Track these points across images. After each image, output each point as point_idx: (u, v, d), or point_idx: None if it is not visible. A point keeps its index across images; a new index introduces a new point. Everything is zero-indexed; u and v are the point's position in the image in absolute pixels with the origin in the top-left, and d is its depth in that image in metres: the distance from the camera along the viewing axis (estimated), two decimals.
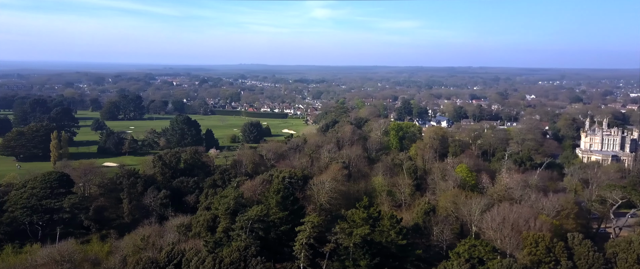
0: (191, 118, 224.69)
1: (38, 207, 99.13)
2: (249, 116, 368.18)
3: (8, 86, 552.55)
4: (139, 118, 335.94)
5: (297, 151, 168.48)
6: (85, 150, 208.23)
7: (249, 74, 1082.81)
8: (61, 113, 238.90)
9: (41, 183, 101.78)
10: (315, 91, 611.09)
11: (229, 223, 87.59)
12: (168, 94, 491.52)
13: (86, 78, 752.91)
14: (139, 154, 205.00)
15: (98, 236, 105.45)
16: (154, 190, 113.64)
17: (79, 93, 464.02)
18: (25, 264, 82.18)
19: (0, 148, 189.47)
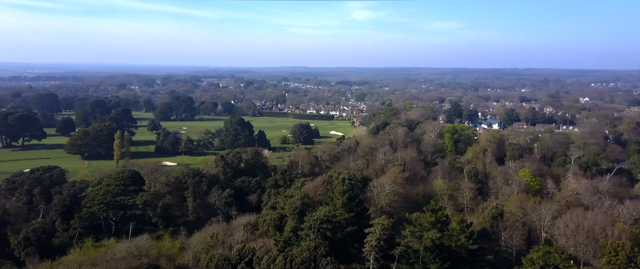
0: (244, 120, 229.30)
1: (113, 203, 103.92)
2: (295, 118, 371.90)
3: (66, 88, 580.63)
4: (190, 119, 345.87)
5: (349, 152, 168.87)
6: (144, 150, 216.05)
7: (291, 76, 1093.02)
8: (121, 113, 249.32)
9: (115, 180, 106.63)
10: (359, 93, 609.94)
11: (297, 222, 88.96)
12: (215, 96, 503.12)
13: (137, 80, 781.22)
14: (195, 154, 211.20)
15: (166, 232, 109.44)
16: (218, 189, 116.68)
17: (133, 95, 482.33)
18: (106, 258, 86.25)
19: (68, 147, 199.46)
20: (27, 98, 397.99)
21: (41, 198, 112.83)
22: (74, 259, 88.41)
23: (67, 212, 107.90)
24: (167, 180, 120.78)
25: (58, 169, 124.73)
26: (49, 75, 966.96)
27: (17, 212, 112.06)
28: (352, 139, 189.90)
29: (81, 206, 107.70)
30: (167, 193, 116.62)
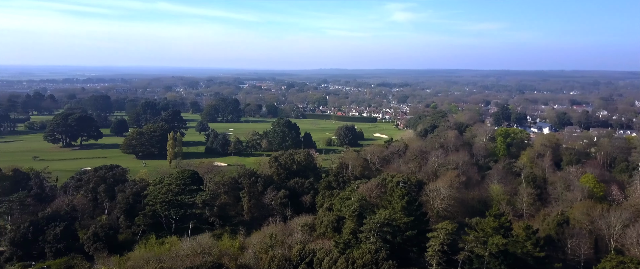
0: (291, 122, 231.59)
1: (174, 202, 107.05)
2: (338, 120, 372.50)
3: (116, 90, 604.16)
4: (236, 120, 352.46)
5: (399, 155, 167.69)
6: (194, 150, 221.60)
7: (331, 78, 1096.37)
8: (172, 115, 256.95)
9: (176, 180, 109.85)
10: (400, 95, 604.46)
11: (356, 225, 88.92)
12: (258, 98, 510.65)
13: (181, 82, 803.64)
14: (243, 155, 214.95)
15: (223, 231, 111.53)
16: (272, 190, 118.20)
17: (179, 97, 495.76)
18: (170, 255, 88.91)
19: (123, 147, 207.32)
20: (82, 99, 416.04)
21: (105, 196, 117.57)
22: (139, 255, 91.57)
23: (130, 210, 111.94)
24: (224, 180, 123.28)
25: (120, 168, 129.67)
26: (99, 77, 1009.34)
27: (84, 208, 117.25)
28: (400, 142, 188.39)
29: (143, 204, 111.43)
30: (223, 193, 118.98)
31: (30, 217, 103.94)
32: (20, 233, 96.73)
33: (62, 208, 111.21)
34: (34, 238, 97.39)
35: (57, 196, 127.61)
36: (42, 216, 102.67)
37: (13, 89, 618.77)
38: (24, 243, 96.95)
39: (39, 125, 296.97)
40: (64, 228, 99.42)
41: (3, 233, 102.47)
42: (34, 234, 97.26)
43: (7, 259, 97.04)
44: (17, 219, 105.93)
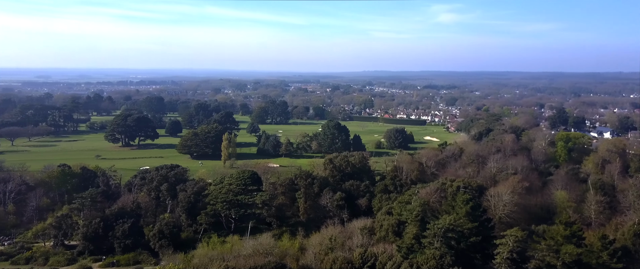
0: (341, 124, 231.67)
1: (234, 201, 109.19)
2: (385, 122, 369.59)
3: (168, 91, 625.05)
4: (284, 122, 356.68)
5: (454, 159, 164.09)
6: (247, 151, 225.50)
7: (375, 80, 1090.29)
8: (224, 116, 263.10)
9: (236, 180, 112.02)
10: (448, 97, 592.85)
11: (419, 230, 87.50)
12: (305, 100, 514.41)
13: (229, 85, 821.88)
14: (294, 156, 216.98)
15: (280, 232, 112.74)
16: (329, 192, 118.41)
17: (229, 99, 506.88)
18: (233, 254, 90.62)
19: (179, 147, 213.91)
20: (137, 101, 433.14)
21: (168, 194, 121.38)
22: (203, 253, 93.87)
23: (191, 208, 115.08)
24: (280, 181, 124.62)
25: (180, 168, 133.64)
26: (151, 80, 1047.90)
27: (147, 206, 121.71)
28: (454, 145, 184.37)
29: (204, 203, 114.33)
30: (282, 194, 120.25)
31: (99, 213, 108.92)
32: (92, 228, 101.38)
33: (128, 206, 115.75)
34: (104, 234, 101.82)
35: (121, 193, 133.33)
36: (110, 212, 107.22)
37: (73, 91, 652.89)
38: (95, 238, 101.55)
39: (99, 125, 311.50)
40: (131, 224, 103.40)
41: (76, 228, 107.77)
42: (104, 229, 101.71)
43: (79, 253, 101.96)
44: (87, 215, 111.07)
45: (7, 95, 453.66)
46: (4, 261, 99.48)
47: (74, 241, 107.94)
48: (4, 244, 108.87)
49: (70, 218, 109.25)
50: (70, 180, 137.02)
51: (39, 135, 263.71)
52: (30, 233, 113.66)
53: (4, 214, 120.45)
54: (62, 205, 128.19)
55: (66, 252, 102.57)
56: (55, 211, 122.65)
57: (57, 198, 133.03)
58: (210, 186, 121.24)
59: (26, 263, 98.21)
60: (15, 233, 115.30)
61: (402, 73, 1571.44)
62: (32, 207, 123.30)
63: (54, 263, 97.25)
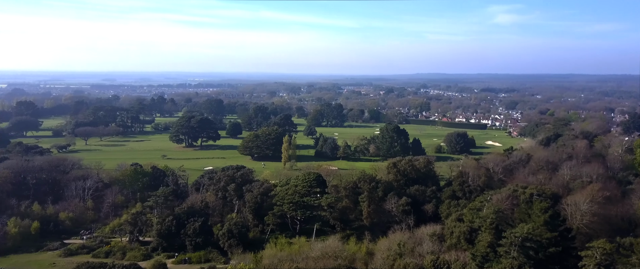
0: (400, 127, 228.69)
1: (301, 203, 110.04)
2: (443, 126, 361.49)
3: (225, 94, 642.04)
4: (339, 125, 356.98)
5: (521, 165, 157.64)
6: (304, 153, 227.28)
7: (430, 83, 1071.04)
8: (283, 119, 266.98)
9: (302, 181, 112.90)
10: (508, 101, 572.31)
11: (494, 238, 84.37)
12: (359, 103, 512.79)
13: (283, 88, 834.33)
14: (352, 159, 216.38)
15: (345, 235, 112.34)
16: (394, 196, 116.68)
17: (285, 102, 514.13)
18: (301, 255, 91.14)
19: (240, 148, 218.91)
20: (197, 103, 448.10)
21: (234, 194, 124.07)
22: (272, 254, 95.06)
23: (258, 209, 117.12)
24: (343, 184, 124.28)
25: (246, 168, 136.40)
26: (208, 83, 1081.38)
27: (214, 205, 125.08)
28: (521, 150, 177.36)
29: (270, 204, 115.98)
30: (346, 197, 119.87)
31: (170, 211, 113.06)
32: (165, 226, 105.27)
33: (197, 205, 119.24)
34: (177, 231, 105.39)
35: (189, 192, 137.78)
36: (180, 211, 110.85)
37: (137, 93, 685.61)
38: (168, 235, 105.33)
39: (163, 126, 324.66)
40: (202, 223, 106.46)
41: (149, 225, 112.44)
42: (176, 227, 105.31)
43: (153, 249, 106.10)
44: (160, 213, 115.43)
45: (80, 97, 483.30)
46: (85, 253, 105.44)
47: (148, 238, 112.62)
48: (84, 238, 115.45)
49: (144, 215, 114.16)
50: (141, 178, 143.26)
51: (109, 135, 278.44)
52: (108, 228, 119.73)
53: (83, 209, 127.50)
54: (135, 202, 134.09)
55: (141, 248, 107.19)
56: (129, 208, 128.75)
57: (130, 196, 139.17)
58: (275, 187, 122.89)
59: (106, 256, 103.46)
60: (94, 227, 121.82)
61: (457, 76, 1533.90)
62: (109, 203, 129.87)
63: (131, 258, 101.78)
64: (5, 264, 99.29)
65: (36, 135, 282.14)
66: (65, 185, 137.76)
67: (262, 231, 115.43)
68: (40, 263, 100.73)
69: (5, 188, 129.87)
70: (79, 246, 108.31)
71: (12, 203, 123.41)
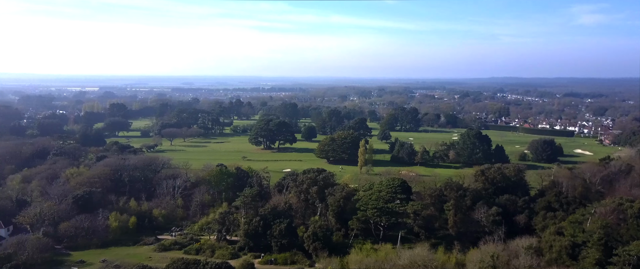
0: (482, 133, 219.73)
1: (385, 209, 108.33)
2: (525, 132, 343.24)
3: (297, 98, 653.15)
4: (414, 129, 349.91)
5: (621, 176, 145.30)
6: (380, 158, 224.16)
7: (507, 87, 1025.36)
8: (358, 123, 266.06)
9: (387, 187, 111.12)
10: (596, 107, 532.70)
11: (602, 255, 77.94)
12: (433, 107, 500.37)
13: (354, 92, 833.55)
14: (430, 165, 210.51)
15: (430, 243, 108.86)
16: (483, 206, 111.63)
17: (357, 106, 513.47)
18: (389, 263, 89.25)
19: (317, 152, 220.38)
20: (272, 107, 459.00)
21: (317, 197, 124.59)
22: (358, 259, 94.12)
23: (340, 212, 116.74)
24: (428, 191, 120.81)
25: (327, 172, 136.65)
26: (280, 87, 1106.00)
27: (297, 207, 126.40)
28: (619, 160, 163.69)
29: (353, 209, 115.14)
30: (431, 204, 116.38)
31: (254, 212, 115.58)
32: (252, 226, 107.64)
33: (280, 206, 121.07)
34: (263, 232, 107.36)
35: (271, 194, 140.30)
36: (264, 212, 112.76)
37: (214, 97, 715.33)
38: (255, 236, 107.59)
39: (241, 129, 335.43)
40: (287, 225, 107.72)
41: (236, 225, 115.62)
42: (263, 228, 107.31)
43: (240, 248, 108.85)
44: (246, 213, 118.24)
45: (164, 100, 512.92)
46: (178, 250, 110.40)
47: (235, 237, 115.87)
48: (173, 235, 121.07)
49: (231, 215, 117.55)
50: (226, 178, 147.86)
51: (191, 136, 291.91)
52: (197, 226, 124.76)
53: (174, 207, 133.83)
54: (221, 201, 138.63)
55: (229, 246, 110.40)
56: (216, 207, 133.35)
57: (216, 195, 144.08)
58: (358, 191, 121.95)
59: (196, 253, 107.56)
60: (184, 225, 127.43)
61: (535, 80, 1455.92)
62: (197, 202, 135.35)
63: (219, 256, 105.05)
64: (108, 255, 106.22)
65: (126, 135, 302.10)
66: (157, 183, 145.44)
67: (344, 235, 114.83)
68: (138, 256, 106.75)
69: (105, 184, 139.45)
70: (172, 242, 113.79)
71: (111, 199, 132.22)
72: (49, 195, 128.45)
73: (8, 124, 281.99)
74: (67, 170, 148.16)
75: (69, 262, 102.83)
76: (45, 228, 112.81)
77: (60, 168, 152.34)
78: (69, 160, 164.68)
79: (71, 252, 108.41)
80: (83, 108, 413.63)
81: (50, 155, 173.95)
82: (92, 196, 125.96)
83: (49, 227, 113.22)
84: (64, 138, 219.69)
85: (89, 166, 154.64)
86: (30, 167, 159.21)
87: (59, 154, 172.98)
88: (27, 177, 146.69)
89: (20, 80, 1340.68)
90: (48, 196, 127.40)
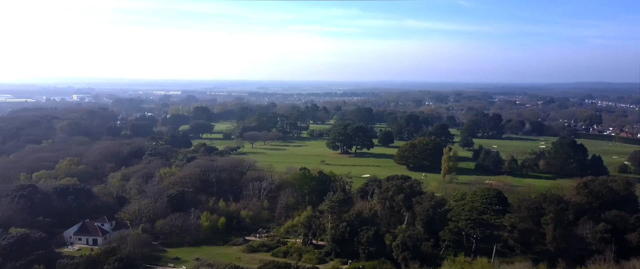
0: (576, 142, 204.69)
1: (479, 221, 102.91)
2: (622, 142, 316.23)
3: (371, 103, 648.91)
4: (497, 136, 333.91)
5: None
6: (463, 166, 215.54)
7: (596, 93, 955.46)
8: (439, 129, 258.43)
9: (481, 197, 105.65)
10: None
11: None
12: (516, 113, 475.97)
13: (429, 97, 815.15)
14: (518, 175, 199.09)
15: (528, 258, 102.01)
16: (588, 221, 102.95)
17: (435, 111, 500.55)
18: None
19: (396, 158, 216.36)
20: (346, 111, 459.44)
21: (403, 205, 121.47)
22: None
23: (429, 222, 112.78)
24: (527, 204, 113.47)
25: (412, 180, 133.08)
26: (352, 91, 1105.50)
27: (382, 215, 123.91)
28: None
29: (443, 219, 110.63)
30: (529, 217, 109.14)
31: (338, 217, 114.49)
32: (339, 231, 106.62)
33: (365, 212, 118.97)
34: (350, 238, 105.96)
35: (353, 199, 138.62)
36: (348, 217, 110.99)
37: (288, 101, 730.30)
38: (342, 241, 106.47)
39: (317, 133, 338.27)
40: (374, 232, 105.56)
41: (322, 229, 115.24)
42: (350, 234, 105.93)
43: (326, 253, 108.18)
44: (333, 217, 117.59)
45: (243, 104, 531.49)
46: (265, 251, 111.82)
47: (320, 241, 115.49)
48: (258, 236, 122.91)
49: (317, 219, 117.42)
50: (309, 182, 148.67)
51: (270, 140, 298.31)
52: (283, 228, 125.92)
53: (260, 208, 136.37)
54: (304, 205, 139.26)
55: (315, 251, 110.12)
56: (300, 210, 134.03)
57: (300, 198, 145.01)
58: (448, 201, 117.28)
59: (284, 256, 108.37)
60: (270, 226, 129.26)
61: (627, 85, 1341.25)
62: (281, 205, 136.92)
63: (307, 260, 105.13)
64: (200, 254, 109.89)
65: (209, 137, 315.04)
66: (243, 184, 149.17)
67: (433, 246, 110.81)
68: (228, 256, 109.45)
69: (195, 184, 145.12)
70: (260, 243, 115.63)
71: (201, 199, 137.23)
72: (146, 193, 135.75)
73: (105, 125, 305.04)
74: (161, 169, 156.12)
75: (165, 258, 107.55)
76: (144, 225, 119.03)
77: (154, 167, 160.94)
78: (161, 160, 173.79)
79: (166, 248, 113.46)
80: (169, 111, 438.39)
81: (145, 155, 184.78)
82: (184, 195, 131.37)
83: (147, 224, 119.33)
84: (156, 139, 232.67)
85: (180, 167, 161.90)
86: (127, 166, 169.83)
87: (152, 154, 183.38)
88: (125, 175, 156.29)
89: (112, 84, 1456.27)
90: (144, 194, 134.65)
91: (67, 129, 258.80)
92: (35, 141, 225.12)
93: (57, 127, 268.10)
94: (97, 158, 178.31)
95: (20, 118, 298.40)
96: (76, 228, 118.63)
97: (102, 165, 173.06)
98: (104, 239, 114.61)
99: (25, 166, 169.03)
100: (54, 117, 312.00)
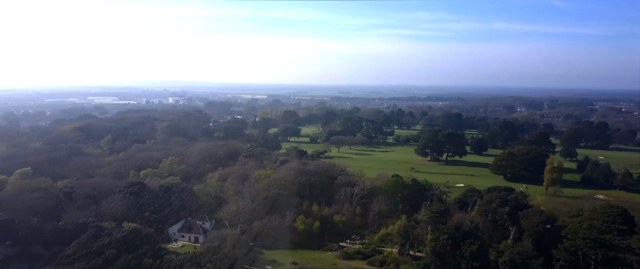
0: None
1: (599, 240, 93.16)
2: None
3: (457, 108, 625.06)
4: (603, 147, 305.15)
5: None
6: (567, 178, 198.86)
7: None
8: (539, 137, 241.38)
9: (601, 215, 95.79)
10: None
11: None
12: (622, 122, 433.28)
13: (520, 103, 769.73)
14: (633, 190, 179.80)
15: None
16: None
17: (530, 118, 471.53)
18: None
19: (493, 167, 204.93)
20: (433, 117, 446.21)
21: (508, 219, 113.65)
22: None
23: (539, 239, 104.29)
24: None
25: (517, 192, 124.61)
26: (437, 96, 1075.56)
27: (483, 228, 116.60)
28: None
29: (554, 236, 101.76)
30: None
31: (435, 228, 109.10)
32: (440, 244, 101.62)
33: (465, 224, 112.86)
34: (451, 251, 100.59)
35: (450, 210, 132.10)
36: (447, 229, 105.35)
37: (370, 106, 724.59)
38: (443, 254, 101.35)
39: (404, 139, 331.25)
40: (479, 246, 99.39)
41: (420, 240, 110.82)
42: (451, 247, 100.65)
43: (425, 265, 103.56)
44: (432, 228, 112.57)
45: (327, 108, 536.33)
46: (361, 259, 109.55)
47: (417, 252, 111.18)
48: (348, 243, 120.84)
49: (415, 229, 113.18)
50: (402, 190, 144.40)
51: (356, 144, 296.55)
52: (377, 236, 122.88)
53: (352, 214, 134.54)
54: (398, 213, 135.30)
55: (412, 262, 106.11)
56: (393, 219, 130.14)
57: (392, 206, 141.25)
58: (560, 217, 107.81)
59: (380, 265, 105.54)
60: (364, 233, 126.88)
61: None
62: (374, 212, 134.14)
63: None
64: (295, 257, 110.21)
65: (297, 141, 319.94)
66: (334, 189, 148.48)
67: (543, 265, 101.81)
68: (323, 261, 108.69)
69: (289, 187, 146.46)
70: (355, 250, 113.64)
71: (295, 202, 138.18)
72: (242, 193, 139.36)
73: (200, 126, 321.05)
74: (256, 171, 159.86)
75: (262, 260, 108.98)
76: (242, 225, 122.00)
77: (249, 169, 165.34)
78: (256, 162, 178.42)
79: (263, 250, 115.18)
80: (258, 115, 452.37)
81: (240, 156, 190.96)
82: (279, 198, 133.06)
83: (245, 224, 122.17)
84: (250, 141, 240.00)
85: (273, 169, 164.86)
86: (224, 167, 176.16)
87: (247, 156, 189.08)
88: (222, 176, 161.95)
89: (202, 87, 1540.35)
90: (241, 195, 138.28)
91: (167, 130, 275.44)
92: (141, 141, 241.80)
93: (158, 127, 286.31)
94: (197, 159, 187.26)
95: (126, 119, 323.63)
96: (180, 225, 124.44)
97: (201, 165, 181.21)
98: (205, 238, 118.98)
99: (133, 164, 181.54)
100: (154, 119, 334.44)
